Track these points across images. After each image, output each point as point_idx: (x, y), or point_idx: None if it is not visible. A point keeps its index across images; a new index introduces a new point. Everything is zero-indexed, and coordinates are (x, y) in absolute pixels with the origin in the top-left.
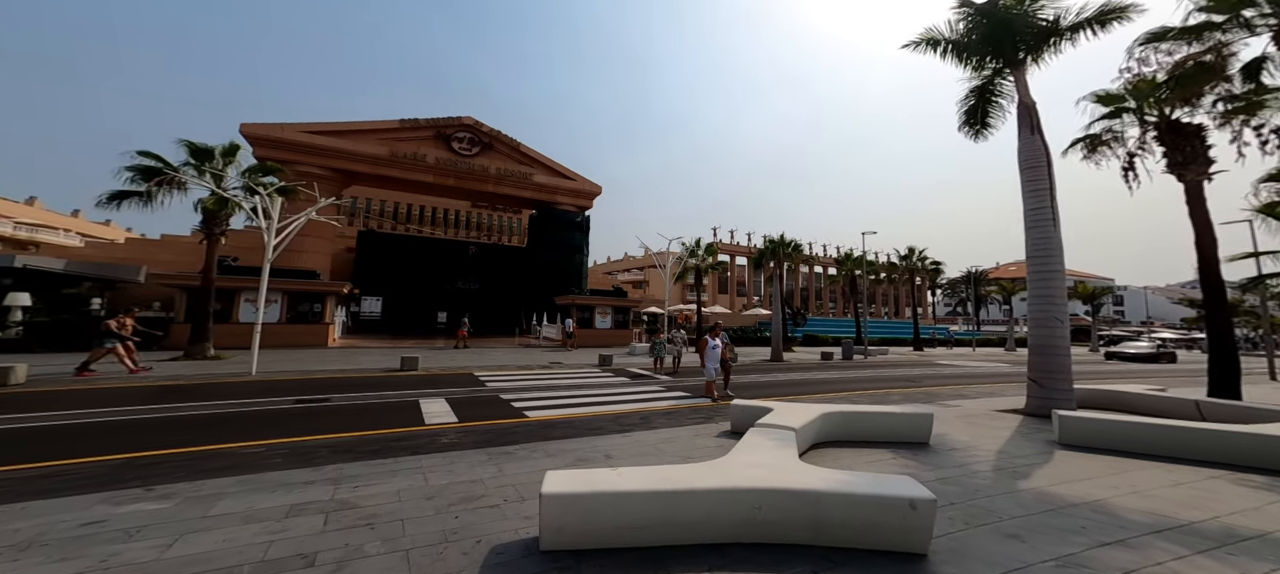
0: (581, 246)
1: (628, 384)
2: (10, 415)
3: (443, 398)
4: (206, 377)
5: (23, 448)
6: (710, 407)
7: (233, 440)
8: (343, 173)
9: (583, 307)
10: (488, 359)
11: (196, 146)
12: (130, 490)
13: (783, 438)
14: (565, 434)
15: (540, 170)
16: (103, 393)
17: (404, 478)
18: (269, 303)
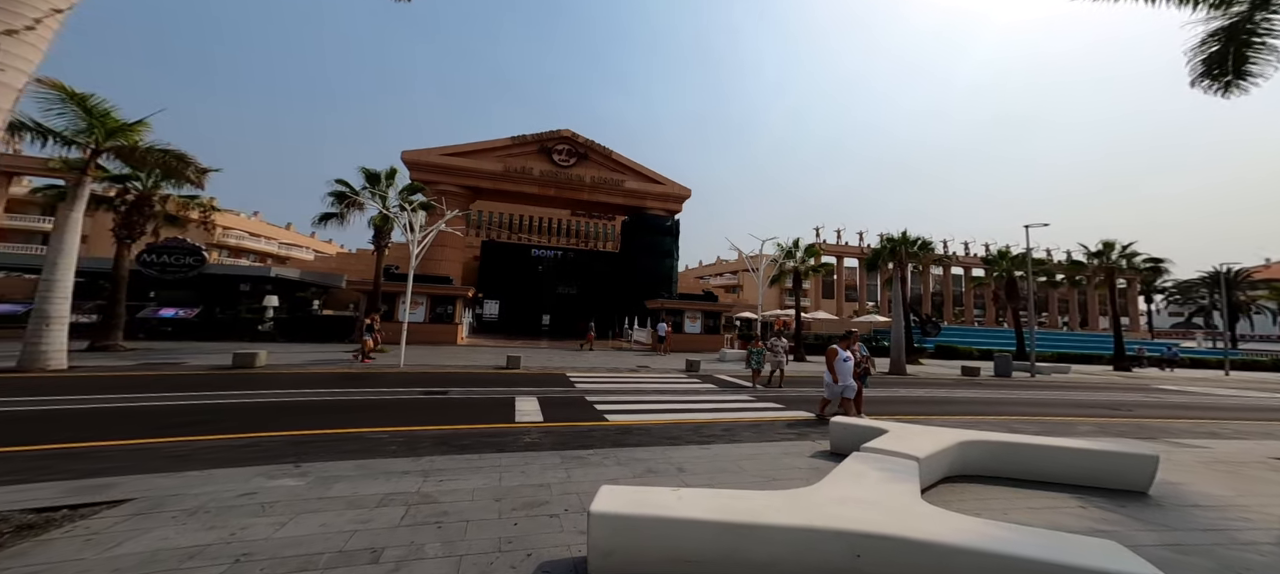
0: (671, 251)
1: (714, 392)
2: (244, 391)
3: (535, 397)
4: (372, 367)
5: (238, 420)
6: (807, 421)
7: (369, 425)
8: (469, 189)
9: (672, 311)
10: (580, 361)
11: (370, 172)
12: (284, 465)
13: (899, 468)
14: (640, 441)
15: (631, 176)
16: (303, 377)
17: (482, 476)
18: (416, 305)
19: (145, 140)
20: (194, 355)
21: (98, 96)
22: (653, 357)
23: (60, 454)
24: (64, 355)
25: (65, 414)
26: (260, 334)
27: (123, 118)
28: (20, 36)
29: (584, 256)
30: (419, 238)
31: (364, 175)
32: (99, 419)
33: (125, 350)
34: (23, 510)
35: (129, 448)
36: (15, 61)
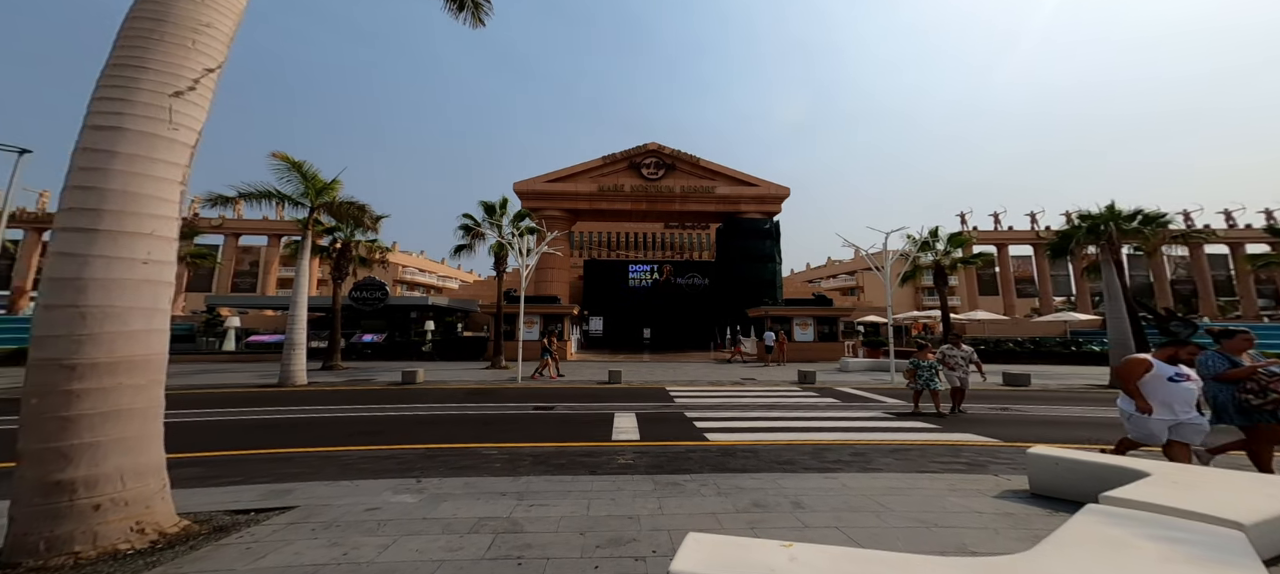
0: (772, 254)
1: (837, 407)
2: (403, 404)
3: (633, 413)
4: (495, 383)
5: (393, 431)
6: (985, 446)
7: (484, 440)
8: (569, 211)
9: (778, 318)
10: (680, 374)
11: (487, 204)
12: (409, 480)
13: (1207, 541)
14: (745, 465)
15: (722, 181)
16: (444, 392)
17: (571, 502)
18: (530, 324)
19: (340, 196)
20: (381, 373)
21: (309, 164)
22: (759, 368)
23: (275, 459)
24: (304, 373)
25: (297, 422)
26: (423, 354)
27: (325, 178)
28: (185, 97)
29: (680, 267)
30: (528, 261)
31: (483, 208)
32: (312, 427)
33: (341, 369)
34: (226, 512)
35: (319, 455)
36: (184, 120)
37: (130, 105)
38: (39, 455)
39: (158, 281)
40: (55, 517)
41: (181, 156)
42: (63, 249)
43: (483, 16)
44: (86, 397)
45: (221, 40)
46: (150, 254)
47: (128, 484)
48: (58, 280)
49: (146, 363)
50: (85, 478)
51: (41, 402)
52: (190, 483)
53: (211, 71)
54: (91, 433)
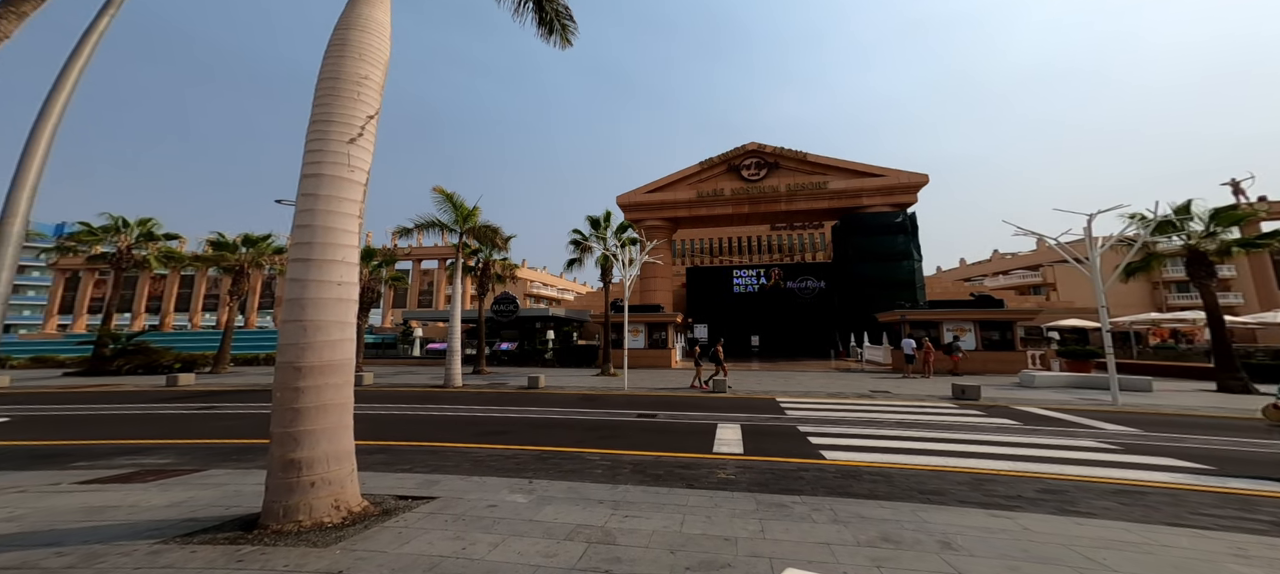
0: (908, 250)
1: (1013, 430)
2: (526, 407)
3: (738, 424)
4: (604, 389)
5: (516, 432)
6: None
7: (589, 445)
8: (669, 220)
9: (919, 322)
10: (793, 384)
11: (593, 218)
12: (522, 480)
13: None
14: (873, 490)
15: (835, 175)
16: (559, 397)
17: (664, 516)
18: (636, 332)
19: (480, 219)
20: (513, 378)
21: (458, 194)
22: (896, 380)
23: (433, 451)
24: (460, 376)
25: (451, 419)
26: (545, 360)
27: (469, 206)
28: (357, 142)
29: (791, 270)
30: (631, 272)
31: (589, 222)
32: (459, 425)
33: (486, 373)
34: (394, 496)
35: (460, 451)
36: (358, 163)
37: (323, 154)
38: (280, 438)
39: (348, 300)
40: (288, 490)
41: (358, 194)
42: (292, 276)
43: (569, 37)
44: (306, 393)
45: (376, 89)
46: (342, 278)
47: (330, 467)
48: (290, 300)
49: (342, 367)
50: (306, 459)
51: (282, 395)
52: (376, 468)
53: (372, 117)
54: (309, 422)
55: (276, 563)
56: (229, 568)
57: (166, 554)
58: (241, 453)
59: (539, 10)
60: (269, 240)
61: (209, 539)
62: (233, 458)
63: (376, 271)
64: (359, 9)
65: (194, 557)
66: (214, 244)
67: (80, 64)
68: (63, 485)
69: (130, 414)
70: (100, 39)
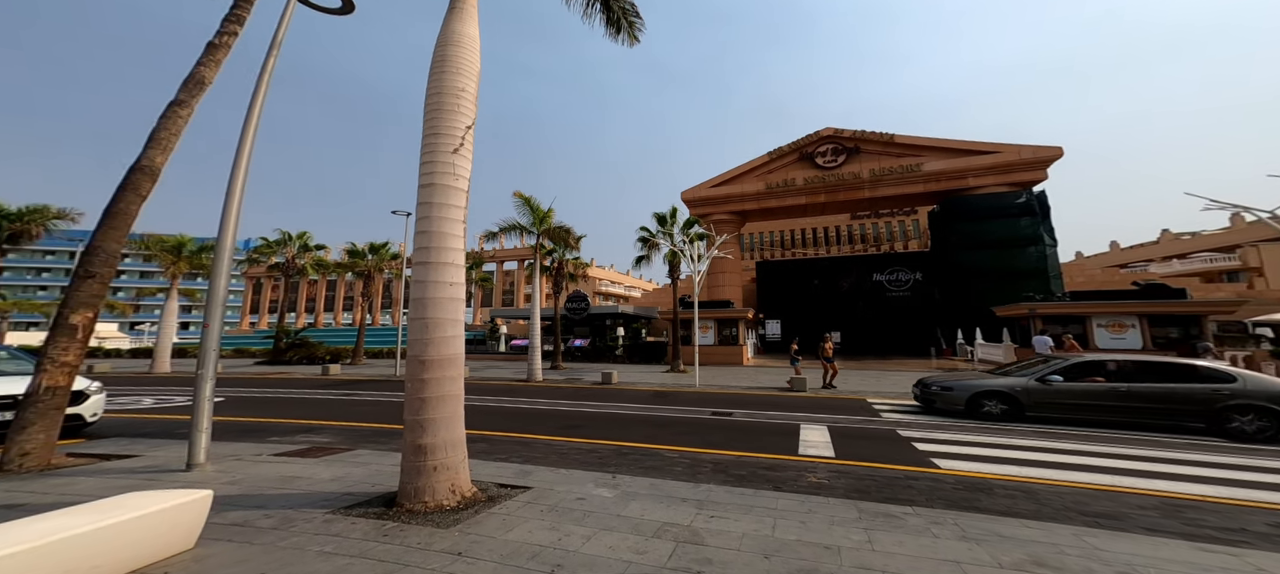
0: (1035, 234)
1: (1221, 447)
2: (602, 402)
3: (825, 426)
4: (675, 386)
5: (594, 427)
6: None
7: (666, 442)
8: (737, 214)
9: (1055, 316)
10: (886, 384)
11: (660, 215)
12: (606, 475)
13: None
14: (1012, 507)
15: (931, 156)
16: (632, 392)
17: (753, 519)
18: (705, 329)
19: (554, 221)
20: (587, 373)
21: (535, 198)
22: None
23: (523, 442)
24: (541, 371)
25: (536, 412)
26: (616, 357)
27: (544, 208)
28: (459, 152)
29: (879, 261)
30: (699, 268)
31: (655, 219)
32: (543, 418)
33: (563, 368)
34: (496, 483)
35: (546, 442)
36: (461, 171)
37: (434, 165)
38: (411, 425)
39: (457, 300)
40: (417, 473)
41: (461, 200)
42: (416, 277)
43: (636, 34)
44: (429, 384)
45: (472, 100)
46: (453, 279)
47: (448, 453)
48: (414, 299)
49: (455, 360)
50: (430, 444)
51: (411, 386)
52: (478, 456)
53: (469, 127)
54: (432, 411)
55: (411, 540)
56: (378, 541)
57: (335, 524)
58: (379, 436)
59: (607, 10)
60: (386, 247)
61: (362, 513)
62: (373, 440)
63: (468, 273)
64: (452, 26)
65: (353, 528)
66: (349, 252)
67: (260, 101)
68: (263, 457)
69: (300, 398)
70: (269, 77)
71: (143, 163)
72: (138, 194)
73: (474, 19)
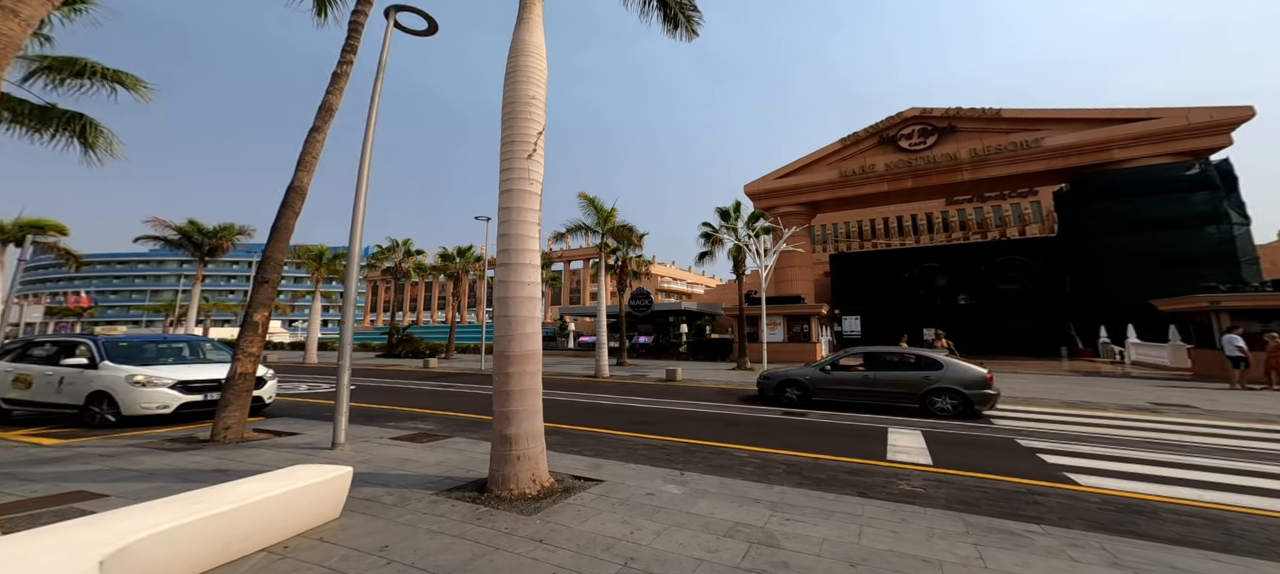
0: (1217, 211)
1: None
2: (666, 399)
3: (918, 430)
4: (742, 384)
5: (660, 424)
6: None
7: (734, 441)
8: (807, 205)
9: (1250, 311)
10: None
11: (722, 210)
12: (674, 472)
13: None
14: (1187, 536)
15: (1054, 129)
16: (696, 390)
17: (835, 524)
18: (774, 325)
19: (617, 220)
20: (651, 370)
21: (599, 198)
22: (1203, 389)
23: (593, 436)
24: (607, 367)
25: (604, 407)
26: (680, 354)
27: (607, 208)
28: (532, 157)
29: (980, 251)
30: (766, 262)
31: (718, 214)
32: (611, 413)
33: (627, 365)
34: (571, 475)
35: (615, 437)
36: (535, 175)
37: (511, 171)
38: (499, 416)
39: (535, 298)
40: (503, 461)
41: (536, 204)
42: (499, 277)
43: (695, 27)
44: (512, 378)
45: (541, 107)
46: (531, 278)
47: (529, 444)
48: (497, 298)
49: (534, 356)
50: (513, 435)
51: (498, 378)
52: (552, 448)
53: (540, 133)
54: (515, 403)
55: (500, 524)
56: (474, 523)
57: (439, 505)
58: (472, 425)
59: (663, 6)
60: (470, 250)
61: (459, 496)
62: (467, 429)
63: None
64: (521, 36)
65: (453, 509)
66: (442, 256)
67: (373, 120)
68: (383, 440)
69: (408, 388)
70: (379, 98)
71: (295, 183)
72: (293, 210)
73: (540, 27)
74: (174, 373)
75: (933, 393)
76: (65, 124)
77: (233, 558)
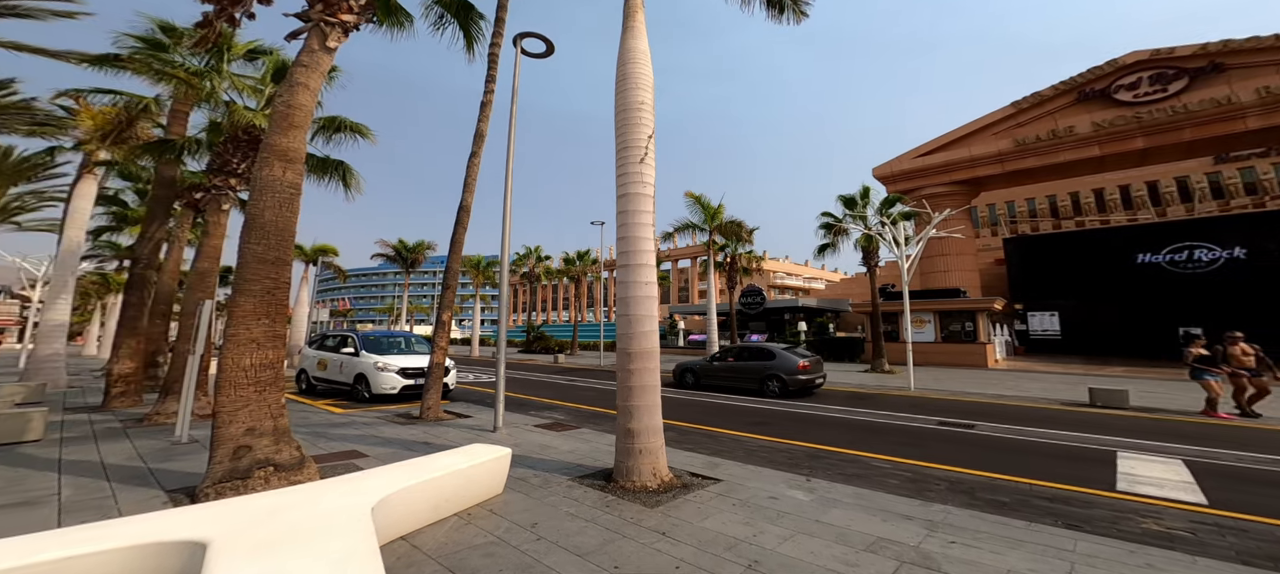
0: None
1: None
2: (790, 402)
3: (1178, 459)
4: (879, 388)
5: (780, 426)
6: None
7: (872, 450)
8: (965, 183)
9: None
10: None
11: (846, 197)
12: (799, 477)
13: None
14: None
15: None
16: (821, 392)
17: (1027, 556)
18: (922, 323)
19: (725, 217)
20: None
21: (705, 195)
22: None
23: (709, 435)
24: None
25: (719, 407)
26: None
27: (714, 205)
28: (644, 161)
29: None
30: (907, 251)
31: (841, 202)
32: (726, 413)
33: None
34: (689, 472)
35: (731, 437)
36: (647, 178)
37: (627, 175)
38: (622, 410)
39: (652, 298)
40: (627, 453)
41: (650, 206)
42: (619, 278)
43: (803, 8)
44: (634, 374)
45: (650, 111)
46: (647, 278)
47: (649, 439)
48: (619, 298)
49: (651, 353)
50: (636, 429)
51: (621, 374)
52: (670, 444)
53: (650, 137)
54: (636, 398)
55: (626, 514)
56: (603, 510)
57: (575, 490)
58: (596, 418)
59: None
60: (588, 254)
61: (590, 483)
62: (592, 421)
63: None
64: (627, 44)
65: (586, 496)
66: (565, 260)
67: (512, 140)
68: (528, 427)
69: (542, 381)
70: (515, 120)
71: (463, 203)
72: (463, 227)
73: (645, 34)
74: (399, 361)
75: (767, 378)
76: (334, 169)
77: (438, 518)
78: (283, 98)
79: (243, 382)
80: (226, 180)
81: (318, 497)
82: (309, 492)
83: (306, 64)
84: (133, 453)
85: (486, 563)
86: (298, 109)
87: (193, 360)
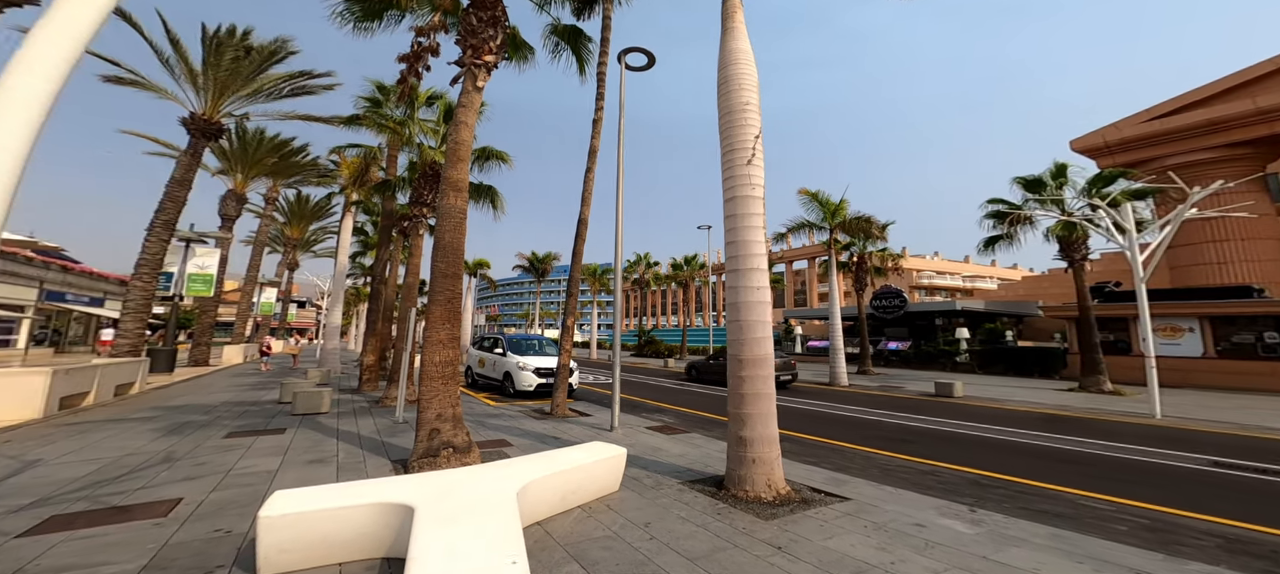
0: None
1: None
2: (938, 418)
3: None
4: (1094, 412)
5: (927, 445)
6: None
7: (1085, 486)
8: (1251, 144)
9: None
10: None
11: (1027, 180)
12: (958, 506)
13: None
14: None
15: None
16: (997, 412)
17: None
18: (1178, 331)
19: (848, 212)
20: (909, 381)
21: (823, 191)
22: None
23: (831, 449)
24: (845, 375)
25: (843, 418)
26: (956, 364)
27: (835, 201)
28: (752, 163)
29: None
30: (1144, 239)
31: (1020, 185)
32: (853, 425)
33: (872, 374)
34: (809, 487)
35: (862, 453)
36: (755, 180)
37: (733, 178)
38: (734, 418)
39: (764, 303)
40: (739, 462)
41: (759, 208)
42: (729, 283)
43: None
44: (746, 382)
45: (756, 111)
46: (759, 283)
47: (763, 448)
48: (729, 303)
49: (765, 360)
50: (748, 437)
51: (733, 381)
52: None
53: (757, 137)
54: (749, 407)
55: (739, 523)
56: (713, 517)
57: (685, 494)
58: (706, 424)
59: None
60: (696, 259)
61: (700, 488)
62: (702, 426)
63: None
64: (728, 45)
65: (696, 501)
66: (673, 266)
67: (622, 154)
68: (641, 429)
69: (653, 385)
70: (623, 133)
71: (581, 216)
72: (581, 238)
73: (745, 33)
74: (534, 362)
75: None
76: (486, 193)
77: (565, 509)
78: (451, 136)
79: (435, 375)
80: (421, 210)
81: (479, 479)
82: (473, 474)
83: (465, 104)
84: (374, 428)
85: (605, 556)
86: (462, 144)
87: (404, 357)
